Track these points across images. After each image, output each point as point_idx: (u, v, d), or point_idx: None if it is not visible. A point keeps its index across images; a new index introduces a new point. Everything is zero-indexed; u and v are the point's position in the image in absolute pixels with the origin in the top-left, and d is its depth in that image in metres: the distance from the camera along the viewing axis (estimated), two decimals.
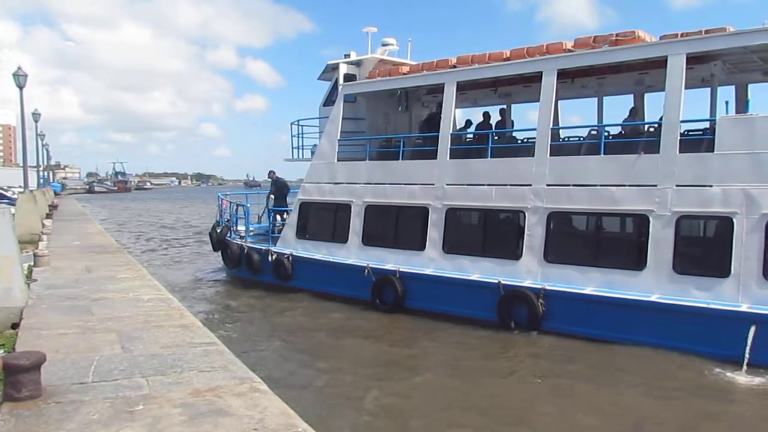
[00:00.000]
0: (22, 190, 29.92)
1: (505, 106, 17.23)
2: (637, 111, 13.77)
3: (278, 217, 19.49)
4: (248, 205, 20.09)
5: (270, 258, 17.35)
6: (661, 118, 11.91)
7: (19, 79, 25.74)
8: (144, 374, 5.61)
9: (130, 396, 5.02)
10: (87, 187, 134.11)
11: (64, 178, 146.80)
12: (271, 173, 20.04)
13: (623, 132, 13.67)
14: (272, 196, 19.44)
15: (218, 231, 19.94)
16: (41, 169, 63.96)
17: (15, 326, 7.93)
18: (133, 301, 9.19)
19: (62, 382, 5.34)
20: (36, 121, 43.87)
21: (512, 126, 16.87)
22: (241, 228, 19.79)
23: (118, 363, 5.94)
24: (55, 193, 63.10)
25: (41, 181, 60.59)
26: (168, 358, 6.15)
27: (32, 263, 12.47)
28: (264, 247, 17.88)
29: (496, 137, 15.15)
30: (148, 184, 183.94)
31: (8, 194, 36.59)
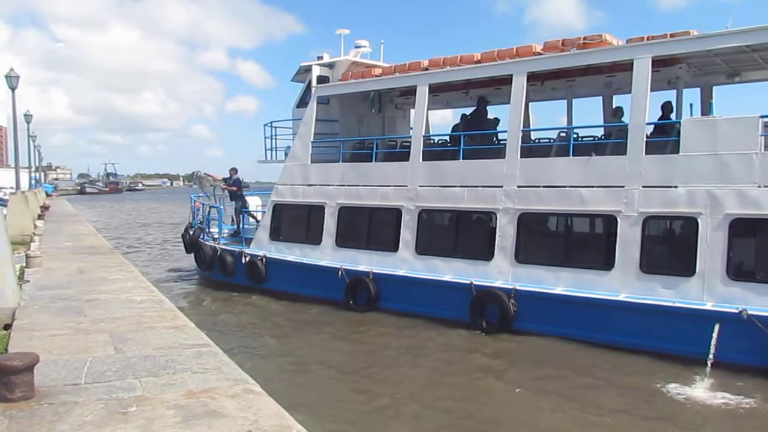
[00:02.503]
0: (13, 191, 29.59)
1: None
2: (619, 111, 13.75)
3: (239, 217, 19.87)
4: (221, 206, 20.00)
5: (243, 260, 17.29)
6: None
7: (11, 80, 25.62)
8: (137, 375, 5.59)
9: (124, 397, 5.01)
10: (78, 188, 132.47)
11: (56, 179, 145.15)
12: (232, 171, 20.37)
13: (611, 133, 13.77)
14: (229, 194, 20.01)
15: (191, 233, 19.81)
16: (33, 170, 63.16)
17: (7, 327, 7.89)
18: (125, 302, 9.14)
19: (55, 383, 5.31)
20: (28, 123, 43.51)
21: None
22: (214, 230, 19.70)
23: (111, 364, 5.91)
24: (47, 194, 62.18)
25: (33, 182, 59.77)
26: (161, 359, 6.12)
27: (24, 264, 12.35)
28: (237, 249, 17.82)
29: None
30: (140, 185, 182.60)
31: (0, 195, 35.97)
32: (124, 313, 8.31)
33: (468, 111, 16.47)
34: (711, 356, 9.96)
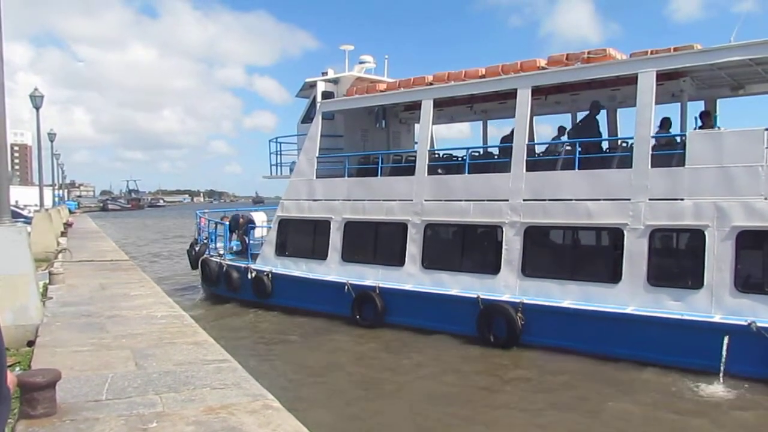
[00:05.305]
0: (37, 208, 29.77)
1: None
2: (667, 123, 12.97)
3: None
4: (226, 222, 20.04)
5: (249, 275, 17.30)
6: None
7: (36, 100, 25.94)
8: (157, 391, 5.59)
9: (144, 413, 5.01)
10: (101, 205, 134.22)
11: (79, 196, 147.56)
12: (224, 218, 21.02)
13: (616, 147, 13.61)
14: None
15: (196, 249, 19.83)
16: (56, 187, 63.59)
17: (31, 344, 7.92)
18: (146, 318, 9.16)
19: (77, 399, 5.32)
20: (51, 141, 43.96)
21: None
22: (220, 245, 19.73)
23: (132, 380, 5.92)
24: (70, 211, 62.33)
25: (56, 199, 60.11)
26: (181, 375, 6.12)
27: (47, 281, 12.39)
28: (243, 265, 17.84)
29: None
30: (161, 201, 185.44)
31: (24, 213, 36.09)
32: (145, 329, 8.33)
33: (464, 124, 16.58)
34: (722, 369, 9.94)
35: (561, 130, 15.35)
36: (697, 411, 9.10)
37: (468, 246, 14.37)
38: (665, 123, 12.93)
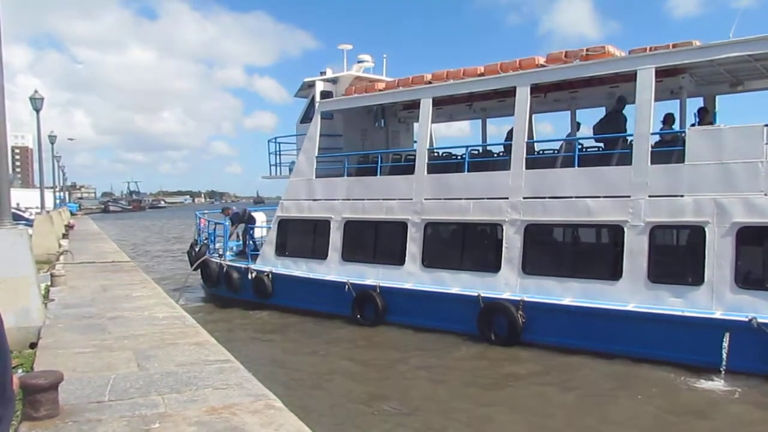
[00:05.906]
0: (39, 210, 29.88)
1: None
2: (670, 119, 12.93)
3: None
4: (227, 223, 20.02)
5: (250, 276, 17.28)
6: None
7: (36, 102, 26.02)
8: (160, 392, 5.61)
9: (147, 414, 5.03)
10: (102, 206, 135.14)
11: (80, 198, 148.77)
12: (225, 210, 20.89)
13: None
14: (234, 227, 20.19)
15: (197, 250, 19.81)
16: (58, 189, 63.69)
17: (33, 346, 7.95)
18: (148, 319, 9.18)
19: (79, 401, 5.34)
20: (52, 143, 44.22)
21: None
22: (219, 245, 19.71)
23: (134, 381, 5.94)
24: (72, 213, 62.35)
25: (58, 201, 60.19)
26: (183, 375, 6.14)
27: (49, 283, 12.41)
28: (244, 265, 17.83)
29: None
30: (162, 202, 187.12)
31: (25, 215, 36.19)
32: (147, 330, 8.35)
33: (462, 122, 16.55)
34: (723, 365, 9.94)
35: (576, 125, 15.35)
36: (698, 407, 9.11)
37: (468, 244, 14.36)
38: (669, 119, 12.89)
